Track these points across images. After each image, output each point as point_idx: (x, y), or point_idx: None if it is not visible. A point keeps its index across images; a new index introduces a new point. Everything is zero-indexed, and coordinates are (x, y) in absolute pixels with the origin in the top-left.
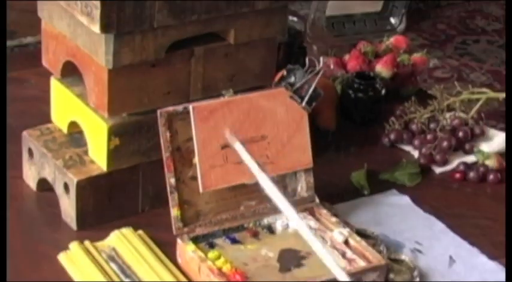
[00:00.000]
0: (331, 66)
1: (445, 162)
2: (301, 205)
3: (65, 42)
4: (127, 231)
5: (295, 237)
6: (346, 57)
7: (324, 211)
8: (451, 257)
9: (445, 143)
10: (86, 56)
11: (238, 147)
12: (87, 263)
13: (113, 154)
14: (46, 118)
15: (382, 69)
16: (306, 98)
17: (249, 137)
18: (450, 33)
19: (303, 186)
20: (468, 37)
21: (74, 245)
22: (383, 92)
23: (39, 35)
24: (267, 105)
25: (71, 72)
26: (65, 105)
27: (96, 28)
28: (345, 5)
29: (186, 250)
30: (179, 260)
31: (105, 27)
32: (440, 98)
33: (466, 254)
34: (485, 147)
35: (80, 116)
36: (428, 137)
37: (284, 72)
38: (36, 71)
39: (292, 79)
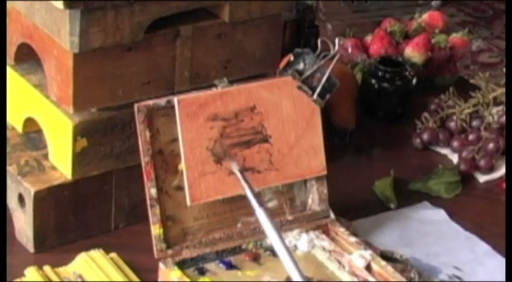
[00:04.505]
0: (350, 50)
1: (490, 169)
2: (313, 221)
3: (20, 20)
4: (96, 253)
5: (306, 260)
6: (369, 38)
7: (341, 229)
8: None
9: (491, 145)
10: (45, 37)
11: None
12: None
13: (79, 158)
14: None
15: (413, 53)
16: (318, 89)
17: (247, 138)
18: (499, 8)
19: (314, 198)
20: None
21: (30, 271)
22: (414, 81)
23: None
24: (270, 98)
25: (27, 58)
26: (19, 98)
27: (58, 3)
28: None
29: (171, 277)
30: None
31: (69, 2)
32: (486, 89)
33: None
34: None
35: (38, 111)
36: (470, 137)
37: (291, 57)
38: None
39: (301, 66)
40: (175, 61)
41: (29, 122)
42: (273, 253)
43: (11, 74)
